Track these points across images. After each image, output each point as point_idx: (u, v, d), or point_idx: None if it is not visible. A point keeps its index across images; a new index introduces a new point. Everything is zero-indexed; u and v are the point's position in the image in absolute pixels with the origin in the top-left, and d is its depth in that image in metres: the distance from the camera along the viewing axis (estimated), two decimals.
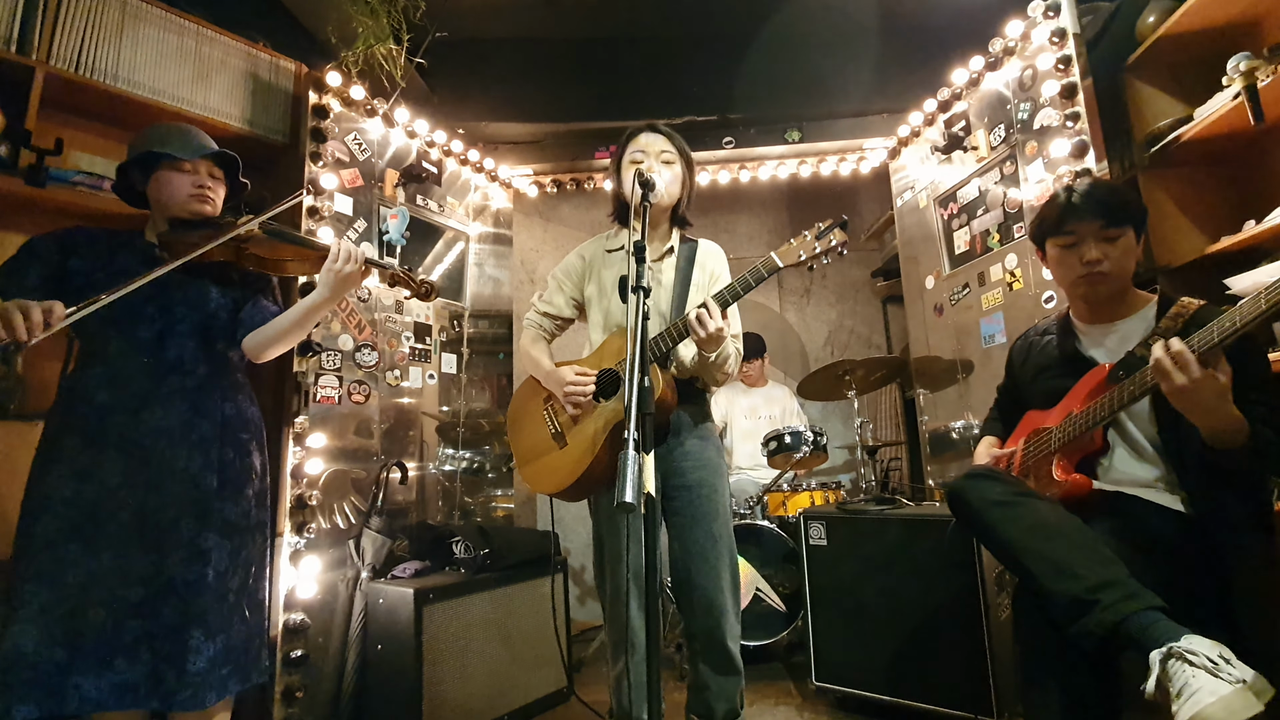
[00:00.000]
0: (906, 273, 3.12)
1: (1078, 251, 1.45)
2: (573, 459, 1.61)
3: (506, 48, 3.31)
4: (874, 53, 3.19)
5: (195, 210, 1.55)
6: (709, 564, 1.60)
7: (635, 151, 1.69)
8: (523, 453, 1.75)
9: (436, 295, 1.63)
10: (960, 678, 1.91)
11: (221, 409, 1.54)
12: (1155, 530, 1.29)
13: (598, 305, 1.76)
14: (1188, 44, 2.22)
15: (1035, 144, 2.34)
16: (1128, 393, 1.29)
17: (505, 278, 3.24)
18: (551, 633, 2.36)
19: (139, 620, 1.33)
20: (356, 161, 2.53)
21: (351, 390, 2.39)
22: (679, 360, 1.67)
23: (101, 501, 1.37)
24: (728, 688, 1.61)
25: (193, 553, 1.41)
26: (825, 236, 1.48)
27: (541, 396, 1.74)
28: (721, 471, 1.71)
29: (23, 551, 1.35)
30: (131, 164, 1.55)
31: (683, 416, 1.68)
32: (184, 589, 1.38)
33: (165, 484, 1.42)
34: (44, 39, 1.92)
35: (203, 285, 1.57)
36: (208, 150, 1.58)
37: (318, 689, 2.05)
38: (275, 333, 1.56)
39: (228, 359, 1.61)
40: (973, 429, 2.61)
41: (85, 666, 1.29)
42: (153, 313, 1.50)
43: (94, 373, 1.46)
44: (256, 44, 2.40)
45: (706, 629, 1.60)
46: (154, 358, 1.48)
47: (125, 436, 1.41)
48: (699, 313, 1.48)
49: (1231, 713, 0.92)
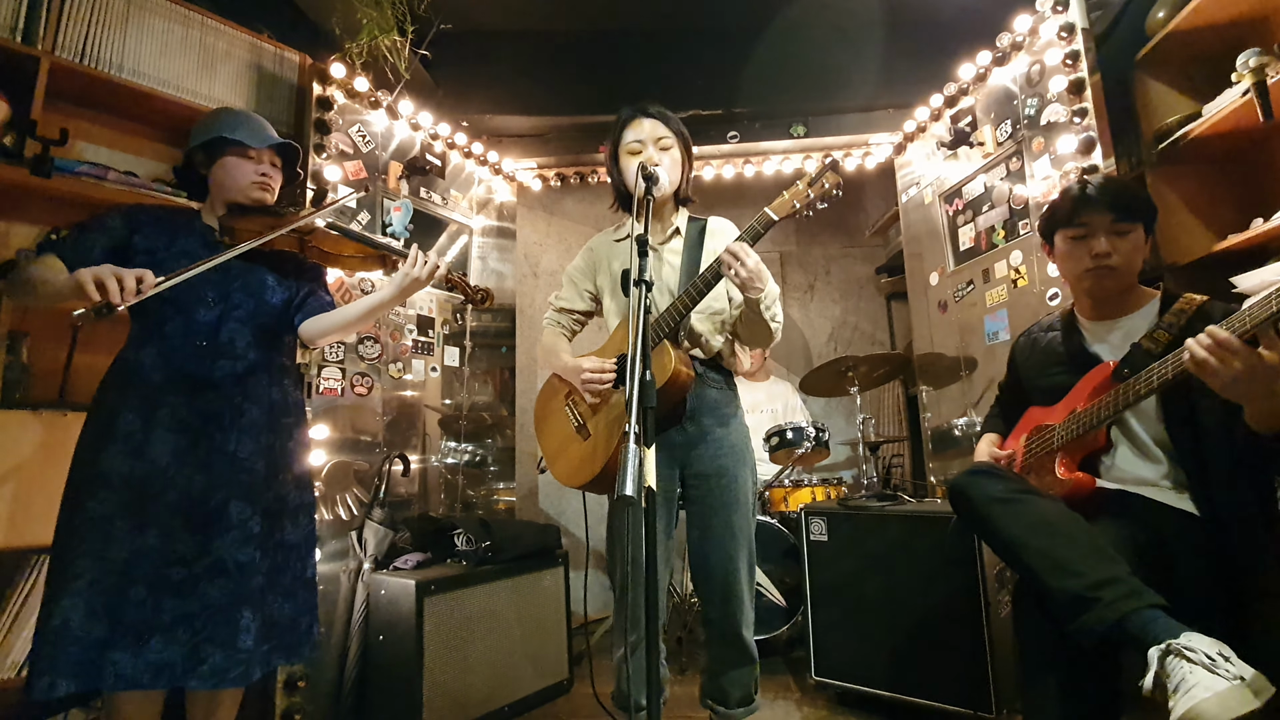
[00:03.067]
0: (911, 269, 3.11)
1: (1087, 244, 1.45)
2: (595, 450, 1.60)
3: (511, 40, 3.30)
4: (880, 47, 3.17)
5: (257, 197, 1.57)
6: (726, 554, 1.60)
7: (633, 140, 1.66)
8: (551, 450, 1.73)
9: (491, 302, 1.65)
10: (960, 674, 1.91)
11: (269, 394, 1.56)
12: (1158, 529, 1.29)
13: (610, 296, 1.77)
14: (1197, 40, 2.20)
15: (1042, 140, 2.32)
16: (1133, 391, 1.28)
17: (509, 271, 3.24)
18: (552, 625, 2.38)
19: (178, 600, 1.35)
20: (360, 153, 2.53)
21: (354, 382, 2.40)
22: (694, 334, 1.64)
23: (151, 480, 1.39)
24: (742, 675, 1.64)
25: (245, 535, 1.42)
26: (818, 181, 1.43)
27: (563, 393, 1.73)
28: (746, 459, 1.68)
29: (73, 527, 1.36)
30: (198, 147, 1.58)
31: (704, 398, 1.65)
32: (235, 570, 1.40)
33: (215, 466, 1.43)
34: (49, 29, 1.92)
35: (261, 273, 1.59)
36: (275, 140, 1.61)
37: (320, 678, 2.07)
38: (339, 322, 1.60)
39: (278, 345, 1.63)
40: (975, 426, 2.60)
41: (123, 644, 1.30)
42: (212, 297, 1.52)
43: (150, 352, 1.47)
44: (261, 35, 2.39)
45: (722, 617, 1.62)
46: (209, 341, 1.50)
47: (177, 417, 1.43)
48: (730, 250, 1.41)
49: (1227, 708, 0.92)
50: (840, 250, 4.35)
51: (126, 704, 1.38)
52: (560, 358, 1.72)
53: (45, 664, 1.27)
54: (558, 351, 1.74)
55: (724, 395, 1.70)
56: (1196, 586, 1.22)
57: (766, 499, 2.98)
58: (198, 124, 1.61)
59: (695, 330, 1.65)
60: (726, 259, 1.42)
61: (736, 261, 1.41)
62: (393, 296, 1.53)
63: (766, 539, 2.74)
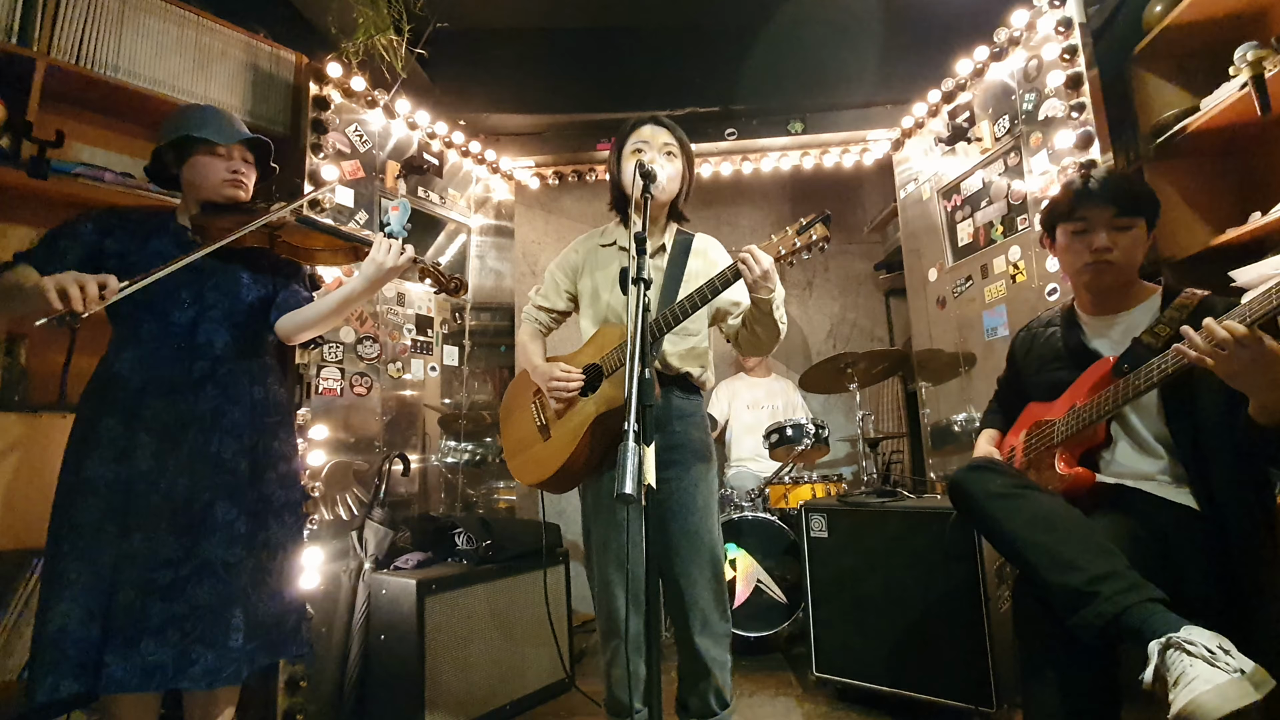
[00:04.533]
0: (909, 265, 3.11)
1: (1087, 239, 1.45)
2: (554, 451, 1.61)
3: (508, 38, 3.29)
4: (878, 43, 3.17)
5: (229, 195, 1.56)
6: (682, 559, 1.56)
7: (638, 142, 1.66)
8: (510, 444, 1.76)
9: (465, 291, 1.65)
10: (960, 669, 1.91)
11: (251, 393, 1.55)
12: (1158, 523, 1.29)
13: (589, 301, 1.75)
14: (1195, 34, 2.20)
15: (1040, 135, 2.32)
16: (1134, 386, 1.28)
17: (507, 270, 3.24)
18: (553, 623, 2.38)
19: (166, 602, 1.35)
20: (357, 153, 2.53)
21: (353, 382, 2.40)
22: (664, 355, 1.63)
23: (135, 484, 1.38)
24: (700, 684, 1.58)
25: (231, 535, 1.42)
26: (806, 232, 1.44)
27: (531, 390, 1.74)
28: (704, 454, 1.64)
29: (64, 532, 1.36)
30: (167, 146, 1.56)
31: (672, 406, 1.64)
32: (224, 570, 1.40)
33: (197, 468, 1.43)
34: (45, 30, 1.92)
35: (235, 271, 1.58)
36: (243, 135, 1.60)
37: (321, 678, 2.07)
38: (311, 317, 1.58)
39: (258, 343, 1.62)
40: (974, 422, 2.60)
41: (115, 647, 1.30)
42: (186, 298, 1.51)
43: (127, 356, 1.47)
44: (257, 35, 2.39)
45: (679, 625, 1.59)
46: (186, 342, 1.49)
47: (158, 420, 1.43)
48: (745, 253, 1.43)
49: (1227, 700, 0.92)
50: (839, 247, 4.35)
51: (122, 707, 1.38)
52: (531, 359, 1.72)
53: (48, 666, 1.28)
54: (531, 351, 1.75)
55: (689, 403, 1.67)
56: (1196, 581, 1.22)
57: (766, 495, 2.98)
58: (165, 122, 1.59)
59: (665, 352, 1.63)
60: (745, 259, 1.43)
61: (753, 261, 1.42)
62: (363, 286, 1.52)
63: (767, 535, 2.74)
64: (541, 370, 1.65)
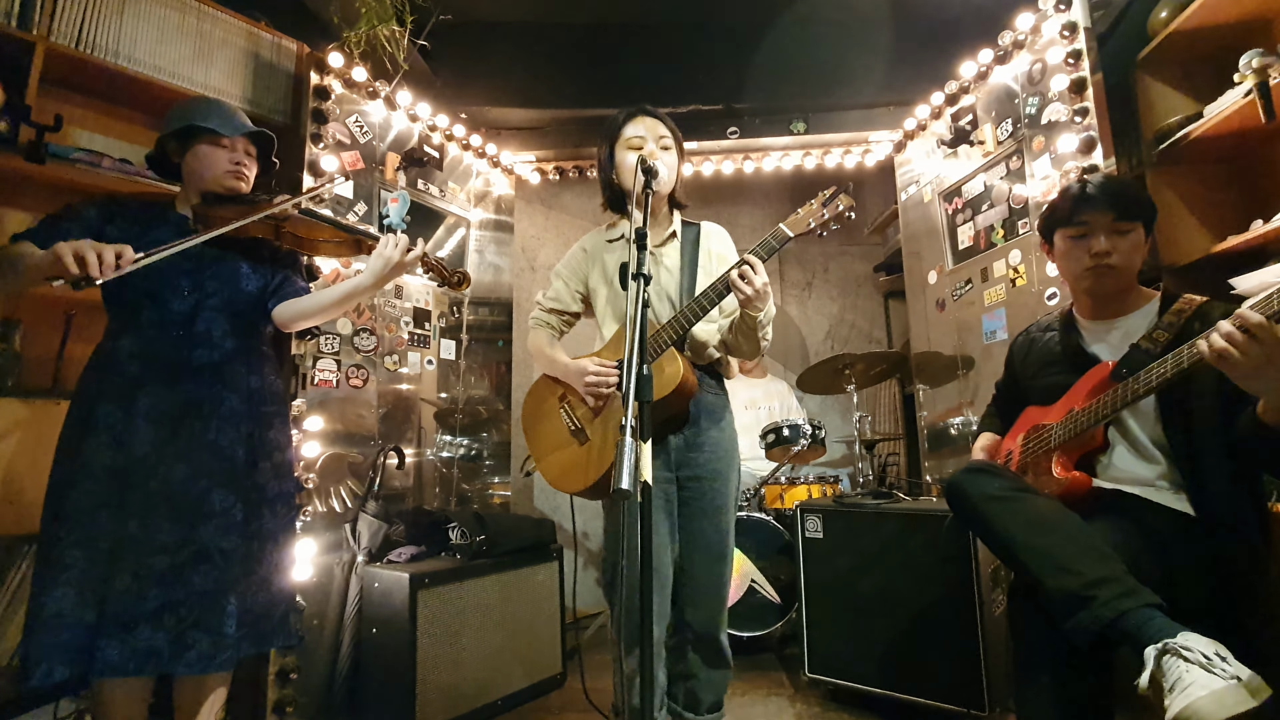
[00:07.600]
0: (909, 267, 3.10)
1: (1087, 243, 1.45)
2: (596, 455, 1.57)
3: (511, 32, 3.28)
4: (882, 44, 3.16)
5: (230, 186, 1.57)
6: (712, 557, 1.59)
7: (634, 136, 1.65)
8: (543, 454, 1.70)
9: (468, 285, 1.65)
10: (953, 671, 1.91)
11: (248, 382, 1.55)
12: (1155, 528, 1.28)
13: (604, 297, 1.73)
14: (1200, 40, 2.20)
15: (1043, 139, 2.32)
16: (1132, 391, 1.28)
17: (506, 265, 3.23)
18: (546, 619, 2.37)
19: (163, 588, 1.35)
20: (358, 144, 2.51)
21: (349, 374, 2.39)
22: (697, 342, 1.65)
23: (133, 470, 1.38)
24: (716, 679, 1.61)
25: (228, 523, 1.43)
26: (832, 203, 1.48)
27: (556, 394, 1.70)
28: (734, 462, 1.69)
29: (59, 518, 1.35)
30: (170, 135, 1.57)
31: (702, 403, 1.65)
32: (220, 557, 1.40)
33: (195, 455, 1.43)
34: (45, 14, 1.90)
35: (234, 261, 1.58)
36: (247, 128, 1.61)
37: (312, 670, 2.06)
38: (313, 307, 1.59)
39: (256, 333, 1.63)
40: (971, 425, 2.60)
41: (110, 631, 1.30)
42: (186, 286, 1.51)
43: (124, 343, 1.47)
44: (258, 23, 2.37)
45: (703, 621, 1.60)
46: (185, 330, 1.50)
47: (155, 408, 1.43)
48: (742, 269, 1.44)
49: (1223, 707, 0.92)
50: (838, 248, 4.35)
51: (115, 691, 1.38)
52: (558, 360, 1.68)
53: (42, 651, 1.27)
54: (553, 354, 1.71)
55: (719, 399, 1.71)
56: (1192, 587, 1.22)
57: (762, 496, 2.98)
58: (170, 112, 1.60)
59: (698, 339, 1.64)
60: (736, 279, 1.44)
61: (744, 282, 1.44)
62: (370, 281, 1.53)
63: (762, 536, 2.74)
64: (574, 369, 1.62)
